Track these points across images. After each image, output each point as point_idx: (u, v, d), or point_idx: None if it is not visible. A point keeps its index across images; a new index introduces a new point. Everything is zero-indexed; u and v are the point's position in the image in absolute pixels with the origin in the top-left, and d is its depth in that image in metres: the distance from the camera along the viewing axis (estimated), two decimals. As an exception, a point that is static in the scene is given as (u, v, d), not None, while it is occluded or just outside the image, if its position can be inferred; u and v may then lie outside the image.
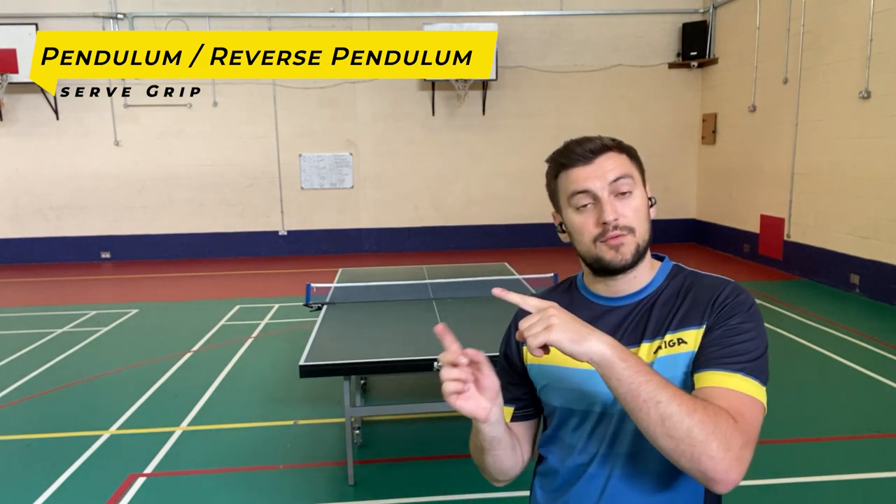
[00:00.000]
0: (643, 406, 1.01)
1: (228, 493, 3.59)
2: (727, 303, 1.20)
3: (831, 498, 3.42)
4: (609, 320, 1.27)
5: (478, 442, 1.23)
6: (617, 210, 1.21)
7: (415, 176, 11.37)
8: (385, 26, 10.93)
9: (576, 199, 1.23)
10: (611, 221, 1.20)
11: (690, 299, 1.24)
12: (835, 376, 5.18)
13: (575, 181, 1.23)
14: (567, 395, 1.28)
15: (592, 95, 11.49)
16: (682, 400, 1.02)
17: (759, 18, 9.58)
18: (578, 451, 1.28)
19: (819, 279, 8.47)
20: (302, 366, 3.33)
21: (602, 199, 1.21)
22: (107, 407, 4.76)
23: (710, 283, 1.27)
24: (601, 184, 1.21)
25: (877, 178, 7.39)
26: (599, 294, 1.31)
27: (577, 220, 1.24)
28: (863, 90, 7.45)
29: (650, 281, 1.30)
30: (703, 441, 1.00)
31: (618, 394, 1.04)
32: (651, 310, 1.26)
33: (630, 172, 1.24)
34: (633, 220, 1.22)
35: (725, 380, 1.11)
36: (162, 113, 10.98)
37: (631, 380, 1.02)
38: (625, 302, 1.28)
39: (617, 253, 1.22)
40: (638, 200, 1.24)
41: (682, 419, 1.00)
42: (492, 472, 1.31)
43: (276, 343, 6.29)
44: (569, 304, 1.30)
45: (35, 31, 10.10)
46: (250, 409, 4.71)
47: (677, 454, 1.02)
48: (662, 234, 12.07)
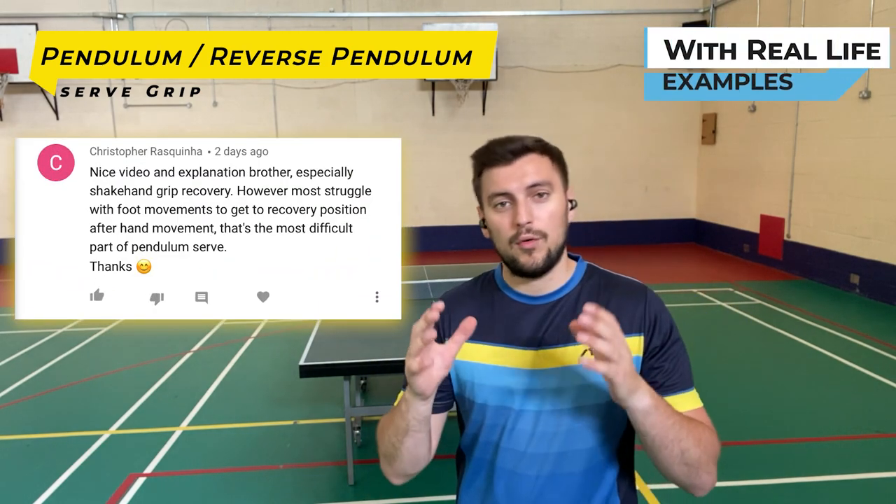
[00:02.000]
0: (669, 444, 1.14)
1: (228, 493, 3.59)
2: (661, 317, 1.29)
3: (831, 498, 3.42)
4: (531, 318, 1.30)
5: (402, 423, 1.20)
6: (532, 213, 1.23)
7: (414, 176, 11.37)
8: (385, 26, 10.93)
9: (495, 199, 1.26)
10: (524, 224, 1.22)
11: (615, 302, 1.28)
12: (835, 376, 5.18)
13: (494, 182, 1.25)
14: (490, 393, 1.29)
15: (592, 95, 11.49)
16: (691, 431, 1.17)
17: (759, 18, 9.57)
18: (504, 450, 1.30)
19: (819, 279, 8.47)
20: (302, 366, 3.33)
21: (518, 202, 1.23)
22: (107, 407, 4.75)
23: (629, 288, 1.33)
24: (518, 185, 1.23)
25: (877, 178, 7.39)
26: (520, 292, 1.33)
27: (495, 219, 1.27)
28: (863, 90, 7.45)
29: (568, 280, 1.33)
30: (707, 463, 1.18)
31: (647, 434, 1.13)
32: (574, 310, 1.27)
33: (549, 178, 1.26)
34: (547, 225, 1.25)
35: (687, 402, 1.27)
36: (162, 113, 10.98)
37: (663, 424, 1.13)
38: (545, 301, 1.31)
39: (529, 257, 1.24)
40: (554, 205, 1.26)
41: (695, 450, 1.16)
42: (405, 459, 1.26)
43: (276, 343, 6.29)
44: (490, 302, 1.34)
45: (35, 31, 10.10)
46: (250, 409, 4.71)
47: (682, 474, 1.18)
48: (662, 233, 12.07)
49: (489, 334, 1.31)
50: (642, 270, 9.76)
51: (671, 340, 1.29)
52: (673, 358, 1.28)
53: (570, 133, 11.61)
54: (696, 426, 1.20)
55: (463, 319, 1.27)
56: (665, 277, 9.22)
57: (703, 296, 7.90)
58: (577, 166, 13.16)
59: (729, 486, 3.50)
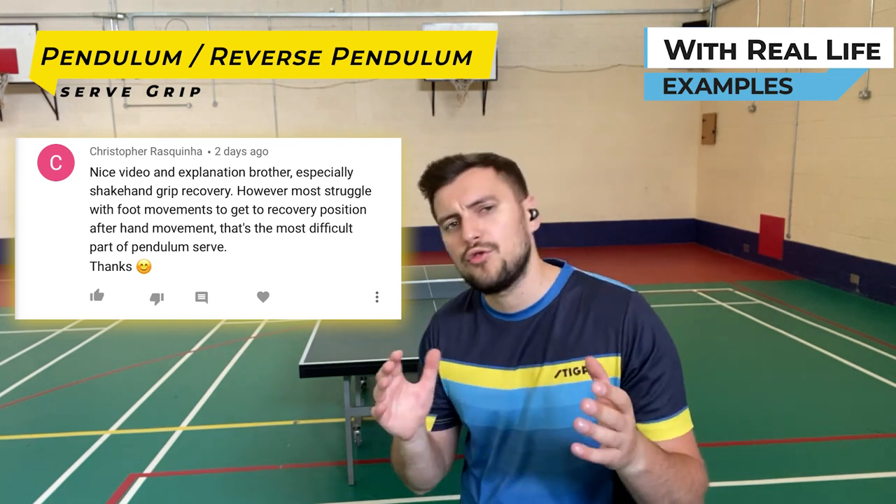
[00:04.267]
0: (659, 499, 1.08)
1: (228, 493, 3.59)
2: (642, 332, 1.19)
3: (831, 498, 3.42)
4: (507, 337, 1.26)
5: (399, 456, 1.24)
6: (478, 227, 1.18)
7: (414, 176, 11.30)
8: (385, 26, 10.93)
9: (445, 221, 1.24)
10: (470, 240, 1.18)
11: (592, 318, 1.21)
12: (835, 376, 5.18)
13: (440, 205, 1.24)
14: (477, 414, 1.29)
15: (592, 95, 11.49)
16: (683, 478, 1.10)
17: (759, 18, 9.57)
18: (491, 468, 1.29)
19: (819, 279, 8.47)
20: (302, 366, 3.32)
21: (463, 218, 1.19)
22: (107, 407, 4.75)
23: (611, 299, 1.23)
24: (459, 203, 1.20)
25: (877, 178, 7.39)
26: (495, 310, 1.29)
27: (448, 241, 1.24)
28: (863, 90, 7.45)
29: (544, 295, 1.26)
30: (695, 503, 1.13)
31: (636, 491, 1.07)
32: (551, 328, 1.22)
33: (492, 191, 1.20)
34: (498, 237, 1.18)
35: (674, 428, 1.18)
36: (162, 113, 10.98)
37: (654, 483, 1.05)
38: (519, 318, 1.26)
39: (483, 271, 1.19)
40: (505, 216, 1.20)
41: (685, 497, 1.10)
42: (414, 483, 1.32)
43: (276, 343, 6.29)
44: (473, 320, 1.32)
45: (35, 31, 10.10)
46: (250, 409, 4.71)
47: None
48: (662, 233, 12.07)
49: (470, 354, 1.29)
50: (642, 270, 9.76)
51: (653, 358, 1.18)
52: (656, 378, 1.17)
53: (570, 133, 11.61)
54: (687, 470, 1.12)
55: (450, 336, 1.32)
56: (665, 277, 9.22)
57: (702, 296, 7.90)
58: (577, 166, 13.15)
59: (729, 486, 3.50)
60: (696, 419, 1.26)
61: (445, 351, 1.30)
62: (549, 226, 12.18)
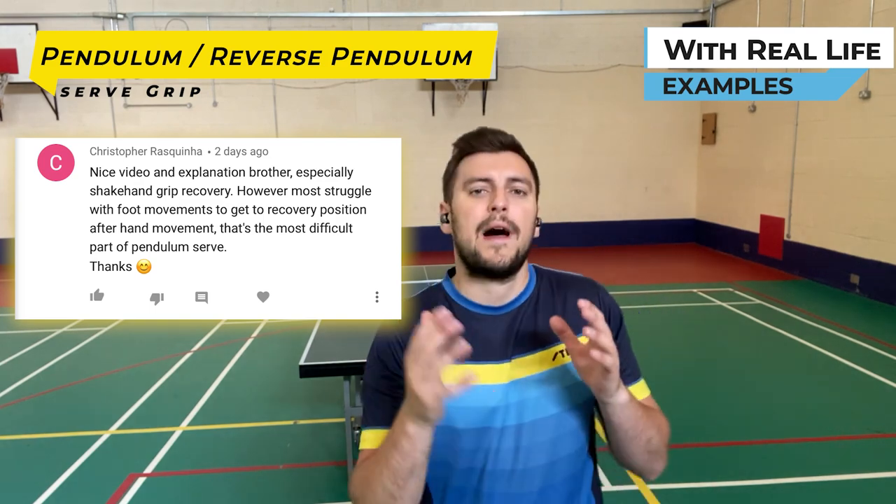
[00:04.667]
0: (639, 435, 1.18)
1: (228, 493, 3.59)
2: (613, 309, 1.31)
3: (831, 498, 3.42)
4: (494, 330, 1.23)
5: (406, 463, 1.06)
6: (509, 203, 1.19)
7: (414, 176, 11.37)
8: (385, 26, 10.93)
9: (474, 183, 1.22)
10: (499, 207, 1.17)
11: (571, 302, 1.23)
12: (835, 376, 5.18)
13: (478, 167, 1.23)
14: (471, 416, 1.20)
15: (592, 95, 11.49)
16: (654, 419, 1.22)
17: (759, 18, 9.58)
18: (490, 474, 1.21)
19: (819, 279, 8.47)
20: (302, 366, 3.32)
21: (498, 188, 1.20)
22: (107, 407, 4.76)
23: (580, 284, 1.33)
24: (500, 174, 1.21)
25: (877, 178, 7.40)
26: (478, 303, 1.25)
27: (466, 204, 1.21)
28: (863, 90, 7.45)
29: (525, 286, 1.29)
30: (663, 449, 1.24)
31: (620, 427, 1.16)
32: (535, 315, 1.25)
33: (529, 179, 1.25)
34: (521, 221, 1.20)
35: (641, 390, 1.30)
36: (162, 113, 10.98)
37: (635, 415, 1.16)
38: (507, 310, 1.25)
39: (496, 254, 1.18)
40: (530, 205, 1.23)
41: (657, 438, 1.21)
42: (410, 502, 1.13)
43: (276, 343, 6.29)
44: None
45: (35, 31, 10.11)
46: (250, 409, 4.71)
47: (643, 461, 1.22)
48: (662, 233, 12.07)
49: None
50: (642, 270, 9.76)
51: (623, 331, 1.30)
52: (625, 348, 1.28)
53: (570, 133, 11.61)
54: (655, 414, 1.25)
55: None
56: (665, 277, 9.22)
57: (702, 296, 7.90)
58: (577, 166, 13.15)
59: (729, 486, 3.51)
60: (697, 419, 1.32)
61: None
62: (548, 226, 12.18)
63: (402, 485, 1.07)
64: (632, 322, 1.39)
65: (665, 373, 5.29)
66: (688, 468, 3.70)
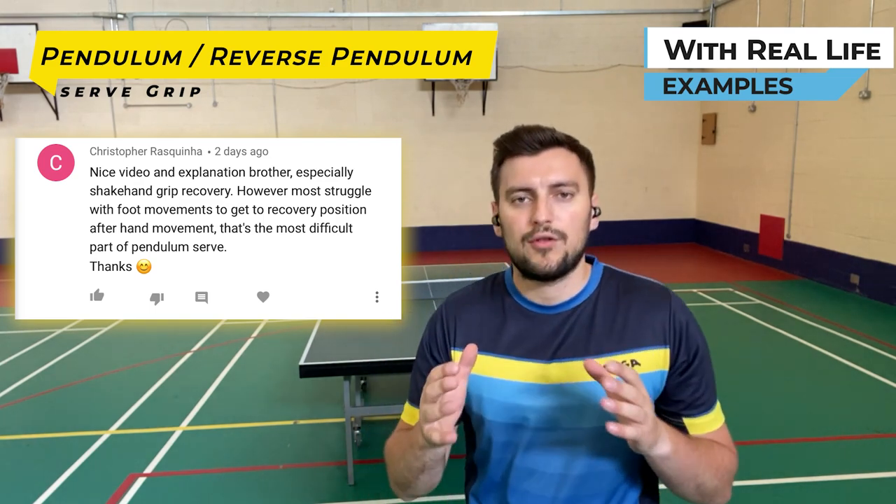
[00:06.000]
0: (686, 481, 1.12)
1: (228, 493, 3.59)
2: (690, 327, 1.20)
3: (831, 498, 3.42)
4: (544, 329, 1.20)
5: (418, 463, 1.12)
6: (553, 212, 1.14)
7: (414, 176, 11.37)
8: (385, 26, 10.93)
9: (514, 193, 1.16)
10: (542, 222, 1.12)
11: (635, 311, 1.20)
12: (835, 376, 5.18)
13: (515, 174, 1.16)
14: (501, 410, 1.20)
15: (592, 95, 11.49)
16: (710, 463, 1.14)
17: (759, 18, 9.58)
18: (517, 469, 1.22)
19: (819, 279, 8.47)
20: (302, 366, 3.32)
21: (539, 198, 1.14)
22: (107, 407, 4.75)
23: (652, 294, 1.23)
24: (541, 181, 1.14)
25: (877, 178, 7.40)
26: (532, 301, 1.22)
27: (510, 214, 1.17)
28: (863, 90, 7.45)
29: (583, 288, 1.23)
30: (723, 488, 1.17)
31: (664, 474, 1.11)
32: (592, 320, 1.20)
33: (575, 178, 1.17)
34: (568, 227, 1.15)
35: (712, 422, 1.22)
36: (162, 113, 10.98)
37: (681, 465, 1.09)
38: (559, 310, 1.21)
39: (543, 257, 1.14)
40: (578, 207, 1.17)
41: (711, 482, 1.14)
42: (420, 489, 1.21)
43: (276, 343, 6.29)
44: (500, 309, 1.24)
45: (35, 31, 10.10)
46: (250, 409, 4.71)
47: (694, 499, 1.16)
48: (662, 234, 12.07)
49: (498, 345, 1.21)
50: (642, 270, 9.70)
51: (700, 355, 1.19)
52: (700, 373, 1.19)
53: (570, 133, 11.53)
54: (714, 455, 1.16)
55: (469, 325, 1.24)
56: (665, 277, 9.21)
57: (703, 296, 7.90)
58: (577, 166, 13.16)
59: (729, 486, 3.51)
60: None
61: (466, 340, 1.19)
62: (549, 226, 12.17)
63: (415, 475, 1.16)
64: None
65: (665, 373, 5.29)
66: (688, 468, 3.70)
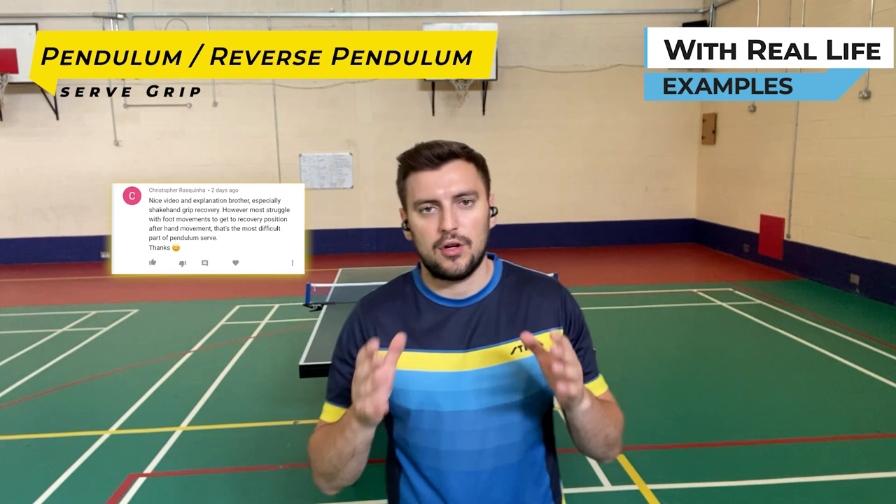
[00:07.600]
0: (598, 433, 1.28)
1: (228, 493, 3.59)
2: (575, 310, 1.41)
3: (830, 498, 3.42)
4: (456, 321, 1.34)
5: (348, 448, 1.23)
6: (458, 219, 1.27)
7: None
8: (385, 26, 10.93)
9: (421, 204, 1.28)
10: (449, 230, 1.26)
11: (536, 301, 1.37)
12: (835, 376, 5.18)
13: (420, 188, 1.28)
14: (423, 399, 1.32)
15: (592, 95, 11.49)
16: (611, 416, 1.32)
17: (759, 18, 9.58)
18: (443, 453, 1.32)
19: (819, 279, 8.47)
20: (302, 366, 3.33)
21: (444, 208, 1.26)
22: (107, 407, 4.76)
23: (546, 285, 1.42)
24: (444, 192, 1.26)
25: (877, 178, 7.40)
26: (443, 296, 1.36)
27: (419, 224, 1.30)
28: (863, 90, 7.45)
29: (488, 282, 1.38)
30: (619, 439, 1.35)
31: (581, 428, 1.26)
32: (498, 309, 1.35)
33: (474, 186, 1.29)
34: (471, 232, 1.28)
35: (600, 386, 1.42)
36: (162, 113, 10.98)
37: (594, 417, 1.25)
38: (468, 303, 1.36)
39: (453, 262, 1.28)
40: (478, 212, 1.30)
41: (614, 432, 1.32)
42: (347, 477, 1.31)
43: (276, 343, 6.29)
44: (413, 305, 1.38)
45: (35, 31, 10.10)
46: (250, 409, 4.71)
47: (600, 453, 1.33)
48: (662, 234, 12.08)
49: (415, 340, 1.33)
50: (642, 270, 9.76)
51: (584, 332, 1.41)
52: (586, 348, 1.39)
53: (570, 133, 11.61)
54: (612, 410, 1.35)
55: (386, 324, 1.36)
56: (665, 277, 9.22)
57: (703, 296, 7.90)
58: (577, 166, 13.13)
59: (729, 486, 3.51)
60: (696, 418, 1.33)
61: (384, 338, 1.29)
62: (549, 226, 12.20)
63: (344, 462, 1.27)
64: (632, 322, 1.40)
65: (665, 373, 5.29)
66: (688, 468, 3.70)
